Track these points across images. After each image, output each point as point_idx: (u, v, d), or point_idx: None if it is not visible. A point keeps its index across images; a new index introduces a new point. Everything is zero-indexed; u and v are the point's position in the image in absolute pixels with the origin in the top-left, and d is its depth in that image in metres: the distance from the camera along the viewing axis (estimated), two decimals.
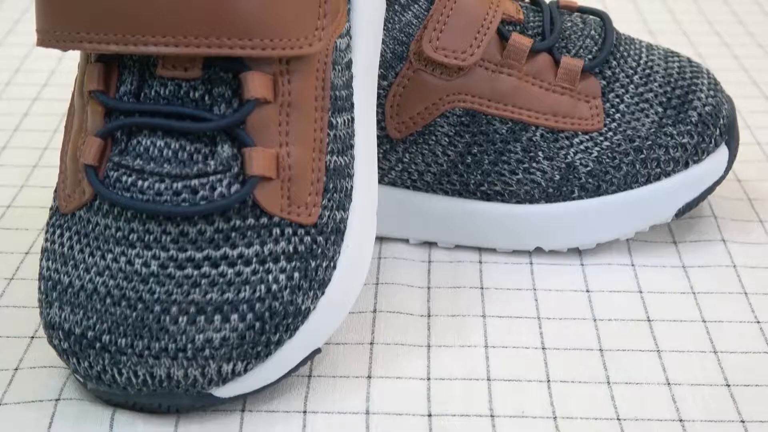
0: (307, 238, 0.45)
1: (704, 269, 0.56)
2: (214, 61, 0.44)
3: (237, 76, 0.45)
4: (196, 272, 0.44)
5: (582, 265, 0.56)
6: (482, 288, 0.55)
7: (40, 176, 0.65)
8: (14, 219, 0.60)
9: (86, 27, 0.44)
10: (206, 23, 0.43)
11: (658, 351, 0.50)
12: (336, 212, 0.47)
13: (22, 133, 0.70)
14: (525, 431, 0.45)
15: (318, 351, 0.46)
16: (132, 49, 0.43)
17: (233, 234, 0.44)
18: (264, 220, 0.45)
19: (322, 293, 0.46)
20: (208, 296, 0.43)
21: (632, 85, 0.57)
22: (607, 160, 0.56)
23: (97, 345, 0.43)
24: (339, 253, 0.47)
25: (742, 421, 0.46)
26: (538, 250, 0.58)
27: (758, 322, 0.52)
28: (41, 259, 0.47)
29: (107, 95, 0.46)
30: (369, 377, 0.48)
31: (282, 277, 0.44)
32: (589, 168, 0.56)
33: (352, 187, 0.48)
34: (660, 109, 0.57)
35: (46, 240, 0.47)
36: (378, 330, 0.51)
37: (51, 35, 0.45)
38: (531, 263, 0.57)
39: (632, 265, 0.56)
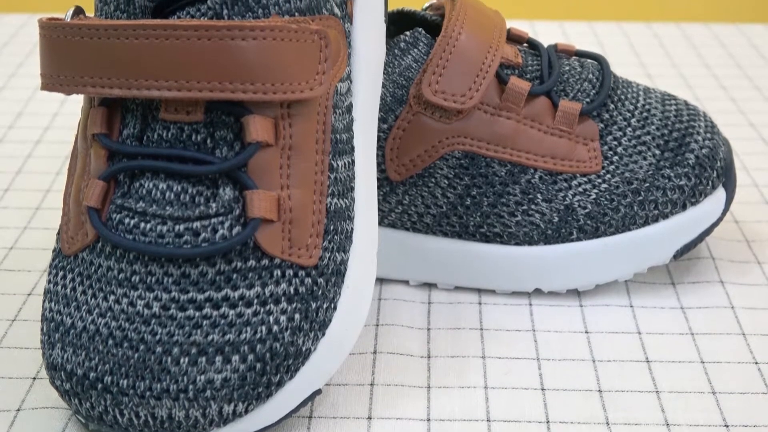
0: (308, 280, 0.46)
1: (702, 310, 0.56)
2: (216, 105, 0.45)
3: (239, 120, 0.45)
4: (197, 313, 0.44)
5: (581, 306, 0.57)
6: (482, 329, 0.55)
7: (42, 218, 0.65)
8: (17, 260, 0.61)
9: (90, 71, 0.44)
10: (208, 68, 0.43)
11: (656, 392, 0.50)
12: (336, 254, 0.47)
13: (24, 175, 0.71)
14: None
15: (318, 392, 0.46)
16: (135, 93, 0.44)
17: (235, 275, 0.45)
18: (265, 261, 0.45)
19: (323, 334, 0.46)
20: (210, 337, 0.44)
21: (630, 128, 0.58)
22: (606, 202, 0.56)
23: (99, 386, 0.44)
24: (339, 294, 0.47)
25: None
26: (537, 292, 0.58)
27: (756, 363, 0.52)
28: (44, 301, 0.47)
29: (110, 138, 0.46)
30: (369, 418, 0.48)
31: (283, 318, 0.45)
32: (587, 210, 0.56)
33: (352, 229, 0.48)
34: (657, 152, 0.57)
35: (49, 281, 0.48)
36: (378, 371, 0.51)
37: (55, 79, 0.45)
38: (530, 304, 0.57)
39: (631, 306, 0.57)
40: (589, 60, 0.61)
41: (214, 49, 0.43)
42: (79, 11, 0.47)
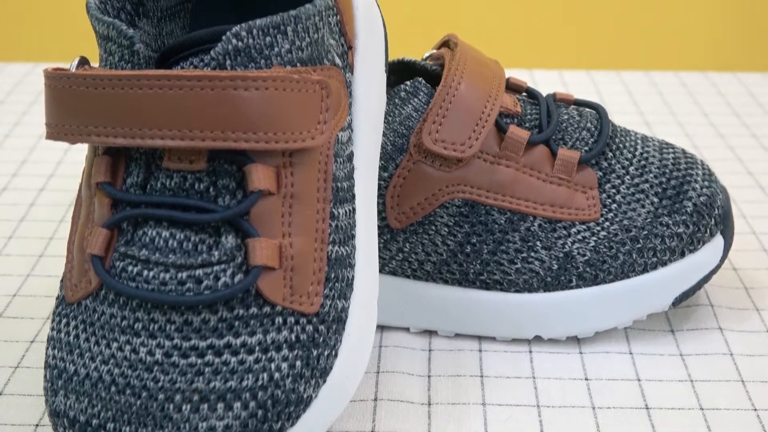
0: (309, 327, 0.46)
1: (701, 357, 0.56)
2: (219, 153, 0.45)
3: (241, 169, 0.45)
4: (199, 361, 0.44)
5: (581, 353, 0.57)
6: (482, 376, 0.55)
7: (45, 266, 0.66)
8: (20, 308, 0.61)
9: (94, 121, 0.45)
10: (211, 117, 0.44)
11: None
12: (337, 301, 0.47)
13: (28, 223, 0.71)
14: None
15: None
16: (139, 142, 0.44)
17: (236, 323, 0.45)
18: (267, 309, 0.45)
19: (324, 381, 0.46)
20: (212, 384, 0.44)
21: (628, 176, 0.58)
22: (605, 249, 0.56)
23: None
24: (340, 341, 0.47)
25: None
26: (537, 339, 0.58)
27: (755, 409, 0.52)
28: (47, 348, 0.48)
29: (114, 187, 0.46)
30: None
31: (284, 365, 0.45)
32: (586, 257, 0.56)
33: (353, 276, 0.48)
34: (656, 200, 0.58)
35: (52, 329, 0.48)
36: (379, 418, 0.51)
37: (60, 129, 0.46)
38: (530, 351, 0.57)
39: (630, 353, 0.57)
40: (587, 109, 0.62)
41: (217, 99, 0.44)
42: (84, 61, 0.48)
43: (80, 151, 0.83)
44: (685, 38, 1.46)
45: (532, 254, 0.56)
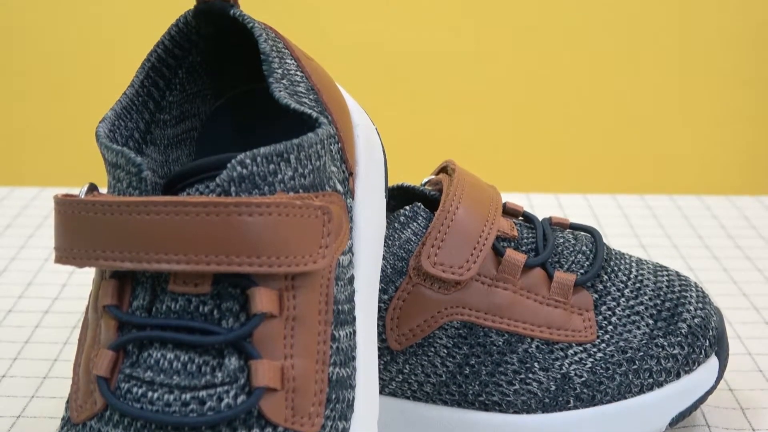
0: None
1: None
2: (223, 277, 0.46)
3: (245, 292, 0.46)
4: None
5: None
6: None
7: (50, 387, 0.66)
8: (24, 429, 0.61)
9: (102, 245, 0.45)
10: (216, 242, 0.45)
11: None
12: (338, 422, 0.47)
13: (32, 345, 0.72)
14: None
15: None
16: (146, 266, 0.45)
17: None
18: (269, 429, 0.46)
19: None
20: None
21: (623, 299, 0.59)
22: (601, 370, 0.57)
23: None
24: None
25: None
26: None
27: None
28: None
29: (120, 310, 0.47)
30: None
31: None
32: (583, 378, 0.57)
33: (353, 397, 0.49)
34: (651, 322, 0.59)
35: None
36: None
37: (69, 253, 0.47)
38: None
39: None
40: (582, 233, 0.63)
41: (221, 224, 0.45)
42: (92, 188, 0.49)
43: (85, 274, 0.83)
44: (679, 163, 1.48)
45: (530, 375, 0.57)
